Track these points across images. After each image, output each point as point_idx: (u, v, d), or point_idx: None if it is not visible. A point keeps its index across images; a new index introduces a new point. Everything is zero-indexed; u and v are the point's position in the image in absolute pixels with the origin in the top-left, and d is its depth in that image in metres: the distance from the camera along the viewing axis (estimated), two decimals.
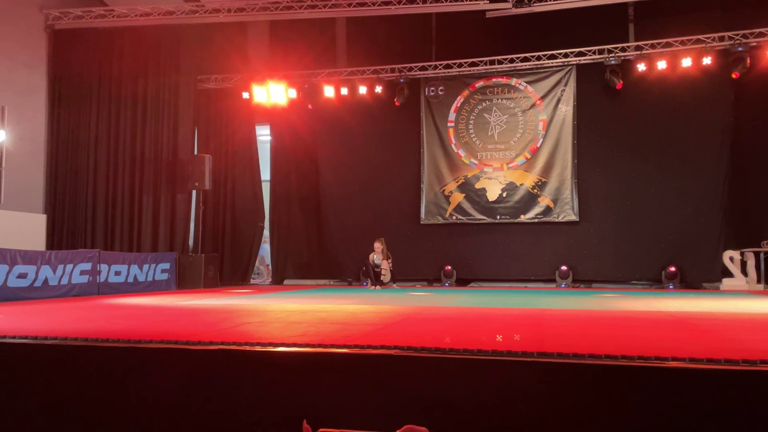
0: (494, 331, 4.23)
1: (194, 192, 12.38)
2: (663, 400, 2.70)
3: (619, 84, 11.35)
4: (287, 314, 5.48)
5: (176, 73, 12.33)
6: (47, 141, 11.68)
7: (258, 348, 3.40)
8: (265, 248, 14.75)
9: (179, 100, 12.32)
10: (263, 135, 13.85)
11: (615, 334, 4.06)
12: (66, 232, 11.59)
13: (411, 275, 11.66)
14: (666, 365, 2.83)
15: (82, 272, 8.77)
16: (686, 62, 11.03)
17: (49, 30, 11.76)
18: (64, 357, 3.43)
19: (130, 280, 9.73)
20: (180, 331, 4.17)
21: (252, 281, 13.38)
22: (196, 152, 12.69)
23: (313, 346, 3.42)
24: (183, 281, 10.94)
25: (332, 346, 3.41)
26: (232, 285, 12.36)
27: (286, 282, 13.15)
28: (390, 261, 10.90)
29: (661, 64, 11.16)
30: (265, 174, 13.66)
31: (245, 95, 12.81)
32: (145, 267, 10.08)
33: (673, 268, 11.07)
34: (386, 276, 10.80)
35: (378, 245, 11.05)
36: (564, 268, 11.63)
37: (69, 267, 8.51)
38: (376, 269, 11.05)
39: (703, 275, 11.15)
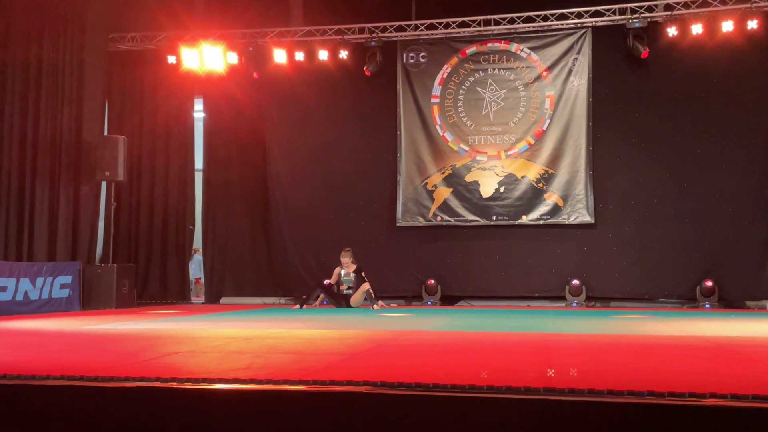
0: (490, 362, 4.27)
1: (104, 184, 12.19)
2: None
3: (644, 52, 11.53)
4: (226, 341, 5.46)
5: (81, 31, 12.11)
6: None
7: (189, 385, 3.37)
8: (197, 258, 14.62)
9: (84, 66, 12.10)
10: (195, 111, 13.71)
11: (639, 365, 4.13)
12: None
13: (384, 292, 11.66)
14: (703, 403, 2.89)
15: None
16: (727, 26, 11.25)
17: None
18: None
19: (19, 297, 9.52)
20: (87, 363, 4.11)
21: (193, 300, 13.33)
22: (106, 133, 12.51)
23: (260, 381, 3.41)
24: (89, 299, 10.79)
25: (285, 381, 3.40)
26: (154, 304, 12.23)
27: (223, 300, 13.06)
28: (364, 274, 10.88)
29: (697, 28, 11.36)
30: (197, 161, 13.54)
31: (172, 60, 12.67)
32: (39, 281, 9.88)
33: (709, 283, 11.30)
34: (357, 297, 10.76)
35: (345, 259, 10.98)
36: (576, 282, 11.77)
37: None
38: (341, 287, 11.01)
39: (746, 292, 11.40)
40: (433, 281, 12.23)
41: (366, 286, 10.69)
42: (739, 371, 3.91)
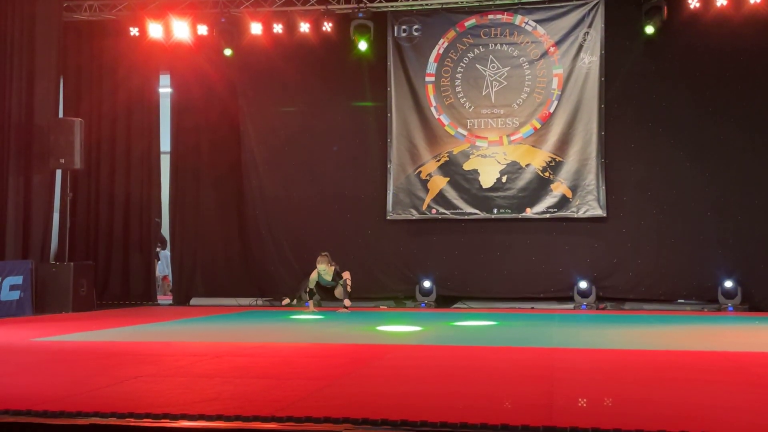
0: (485, 391, 4.29)
1: (59, 173, 12.14)
2: None
3: (662, 25, 11.52)
4: (193, 360, 5.45)
5: None
6: None
7: (148, 422, 3.36)
8: (165, 254, 14.59)
9: (36, 39, 12.00)
10: (161, 88, 13.62)
11: (651, 396, 4.14)
12: None
13: (373, 292, 11.68)
14: None
15: None
16: None
17: None
18: None
19: None
20: (35, 392, 4.09)
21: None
22: (61, 115, 12.43)
23: (228, 418, 3.41)
24: (43, 302, 10.77)
25: (255, 418, 3.40)
26: (116, 306, 12.23)
27: (193, 302, 13.02)
28: (348, 278, 10.92)
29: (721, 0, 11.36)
30: (163, 144, 13.46)
31: (134, 31, 12.55)
32: None
33: (732, 284, 11.36)
34: (340, 290, 10.81)
35: (322, 265, 10.85)
36: (585, 282, 11.81)
37: None
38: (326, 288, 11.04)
39: None
40: (427, 281, 12.23)
41: (346, 274, 10.74)
42: (761, 401, 3.94)
